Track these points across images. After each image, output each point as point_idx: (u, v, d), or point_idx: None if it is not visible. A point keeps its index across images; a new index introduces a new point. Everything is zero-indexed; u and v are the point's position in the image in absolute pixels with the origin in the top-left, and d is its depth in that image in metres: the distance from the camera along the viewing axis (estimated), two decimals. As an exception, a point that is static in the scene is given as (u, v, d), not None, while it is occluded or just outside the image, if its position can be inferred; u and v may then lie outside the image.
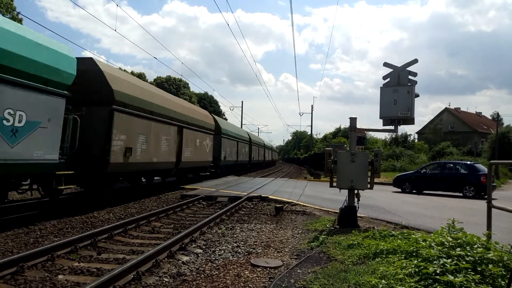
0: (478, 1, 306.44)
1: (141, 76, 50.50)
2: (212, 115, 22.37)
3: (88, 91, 9.40)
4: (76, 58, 8.50)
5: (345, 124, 63.99)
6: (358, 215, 7.80)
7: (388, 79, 7.99)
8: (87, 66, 9.49)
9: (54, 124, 7.72)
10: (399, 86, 7.80)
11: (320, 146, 51.90)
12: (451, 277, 3.38)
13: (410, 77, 7.82)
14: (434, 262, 3.84)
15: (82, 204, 10.05)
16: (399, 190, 17.96)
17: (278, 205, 10.32)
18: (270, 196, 12.83)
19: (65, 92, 7.97)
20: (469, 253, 3.92)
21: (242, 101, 53.35)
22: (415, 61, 7.92)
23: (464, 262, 3.68)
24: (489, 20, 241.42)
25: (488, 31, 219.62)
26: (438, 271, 3.58)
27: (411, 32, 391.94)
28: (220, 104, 69.47)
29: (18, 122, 6.84)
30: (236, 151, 27.83)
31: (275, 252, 5.89)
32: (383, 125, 8.17)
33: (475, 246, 4.17)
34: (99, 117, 9.67)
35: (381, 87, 8.03)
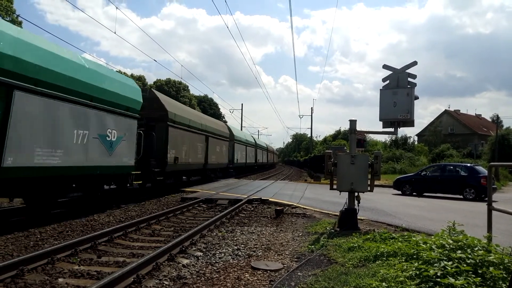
0: (475, 3, 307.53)
1: (140, 79, 50.56)
2: (227, 125, 27.76)
3: (150, 112, 13.34)
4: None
5: (345, 126, 64.10)
6: (358, 217, 7.79)
7: (388, 81, 8.00)
8: (148, 94, 13.77)
9: (131, 137, 11.00)
10: (398, 88, 7.81)
11: (320, 149, 51.87)
12: (452, 280, 3.37)
13: (409, 79, 7.83)
14: (435, 264, 3.83)
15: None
16: (399, 192, 17.94)
17: (278, 208, 10.31)
18: (270, 199, 12.82)
19: (137, 115, 11.31)
20: (469, 256, 3.92)
21: (242, 104, 53.38)
22: (414, 63, 7.94)
23: (464, 265, 3.67)
24: (486, 22, 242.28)
25: (486, 33, 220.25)
26: (439, 274, 3.58)
27: (409, 34, 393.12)
28: (220, 106, 69.53)
29: (113, 137, 9.95)
30: (245, 155, 32.10)
31: (276, 255, 5.88)
32: (383, 127, 8.17)
33: (476, 248, 4.16)
34: (161, 129, 13.72)
35: (380, 89, 8.04)
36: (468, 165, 18.33)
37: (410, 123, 7.90)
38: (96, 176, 9.60)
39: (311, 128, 72.22)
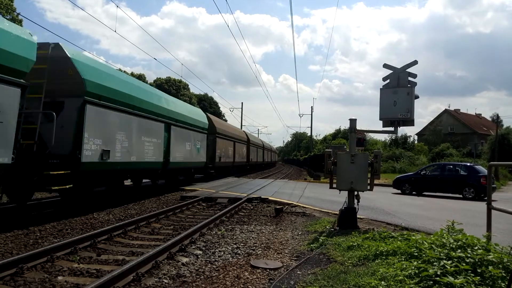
0: (475, 3, 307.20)
1: (141, 77, 50.51)
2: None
3: (206, 127, 19.21)
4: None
5: (345, 125, 64.04)
6: (358, 216, 7.79)
7: (388, 81, 7.99)
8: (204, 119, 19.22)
9: (203, 145, 18.59)
10: (398, 88, 7.80)
11: (320, 148, 51.87)
12: (451, 279, 3.37)
13: (409, 78, 7.82)
14: (434, 263, 3.83)
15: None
16: (399, 191, 17.95)
17: (278, 207, 10.32)
18: (270, 198, 12.83)
19: (206, 130, 19.17)
20: (469, 255, 3.92)
21: (242, 102, 53.43)
22: (414, 62, 7.93)
23: (464, 264, 3.67)
24: (487, 21, 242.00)
25: (486, 32, 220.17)
26: (438, 273, 3.58)
27: (410, 34, 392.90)
28: (220, 105, 69.48)
29: (198, 146, 17.65)
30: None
31: (275, 254, 5.89)
32: (383, 126, 8.17)
33: (475, 247, 4.17)
34: (209, 139, 19.83)
35: (380, 89, 8.03)
36: (468, 164, 18.34)
37: (410, 122, 7.90)
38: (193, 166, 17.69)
39: (311, 127, 72.11)
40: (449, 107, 64.83)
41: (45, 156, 8.06)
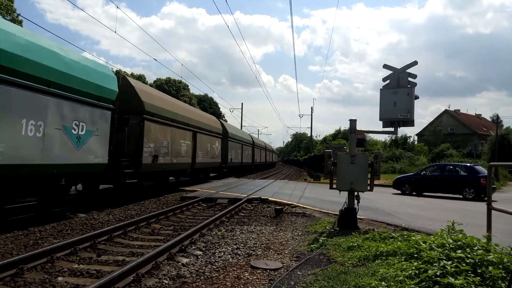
0: (475, 3, 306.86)
1: (141, 78, 50.53)
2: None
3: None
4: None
5: (345, 126, 64.06)
6: (358, 217, 7.79)
7: (388, 81, 7.99)
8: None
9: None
10: (398, 88, 7.80)
11: (320, 148, 51.88)
12: (451, 279, 3.37)
13: (409, 79, 7.83)
14: (434, 264, 3.83)
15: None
16: (399, 192, 17.95)
17: (278, 207, 10.32)
18: (270, 198, 12.83)
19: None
20: (469, 255, 3.92)
21: (242, 103, 53.34)
22: (414, 63, 7.93)
23: (464, 264, 3.67)
24: (487, 22, 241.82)
25: (486, 33, 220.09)
26: (438, 273, 3.58)
27: (409, 34, 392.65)
28: (220, 105, 69.50)
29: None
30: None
31: (275, 254, 5.89)
32: (383, 127, 8.16)
33: (475, 248, 4.17)
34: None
35: (380, 89, 8.03)
36: (468, 165, 18.34)
37: (410, 122, 7.90)
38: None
39: (311, 128, 72.17)
40: (449, 107, 64.85)
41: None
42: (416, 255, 4.44)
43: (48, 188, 8.39)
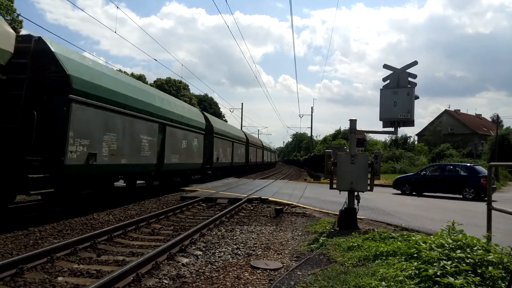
0: (475, 3, 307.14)
1: (141, 77, 50.54)
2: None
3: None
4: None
5: (345, 126, 64.05)
6: (358, 217, 7.79)
7: (388, 81, 7.99)
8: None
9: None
10: (398, 88, 7.80)
11: (320, 148, 51.90)
12: (451, 279, 3.37)
13: (409, 79, 7.82)
14: (434, 264, 3.83)
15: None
16: (399, 192, 17.95)
17: (278, 207, 10.32)
18: (270, 198, 12.83)
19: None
20: (469, 255, 3.92)
21: (242, 103, 53.31)
22: (414, 63, 7.93)
23: (464, 264, 3.67)
24: (486, 22, 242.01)
25: (486, 33, 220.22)
26: (438, 273, 3.58)
27: (409, 34, 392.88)
28: (220, 105, 69.53)
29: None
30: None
31: (275, 254, 5.88)
32: (383, 127, 8.16)
33: (475, 248, 4.17)
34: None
35: (381, 89, 8.03)
36: (468, 165, 18.34)
37: (410, 122, 7.89)
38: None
39: (311, 128, 72.38)
40: (449, 107, 64.84)
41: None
42: (416, 255, 4.44)
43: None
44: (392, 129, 8.11)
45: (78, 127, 8.47)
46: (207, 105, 63.99)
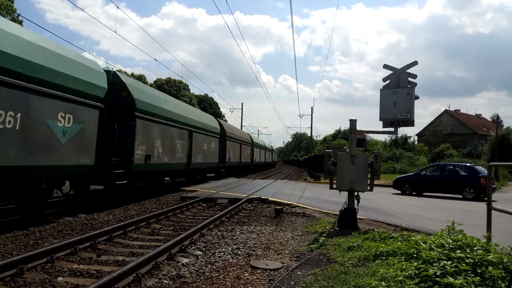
0: (475, 3, 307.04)
1: (141, 78, 50.53)
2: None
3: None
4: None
5: (345, 126, 64.05)
6: (358, 217, 7.79)
7: (388, 81, 7.99)
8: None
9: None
10: (398, 88, 7.81)
11: (320, 148, 51.89)
12: (451, 279, 3.38)
13: (410, 79, 7.83)
14: (434, 264, 3.83)
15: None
16: (399, 192, 17.95)
17: (278, 207, 10.32)
18: (270, 198, 12.83)
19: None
20: (469, 255, 3.92)
21: (242, 103, 53.34)
22: (414, 63, 7.93)
23: (464, 264, 3.67)
24: (486, 22, 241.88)
25: (486, 33, 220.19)
26: (438, 273, 3.58)
27: (409, 34, 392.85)
28: (220, 105, 69.51)
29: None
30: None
31: (275, 254, 5.89)
32: (383, 127, 8.17)
33: (475, 248, 4.17)
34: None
35: (381, 89, 8.03)
36: (468, 165, 18.34)
37: (410, 122, 7.90)
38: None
39: (311, 128, 72.24)
40: (449, 107, 64.86)
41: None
42: (416, 255, 4.44)
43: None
44: (392, 129, 8.11)
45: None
46: (207, 105, 63.97)
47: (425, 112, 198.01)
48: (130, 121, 11.04)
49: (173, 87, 56.60)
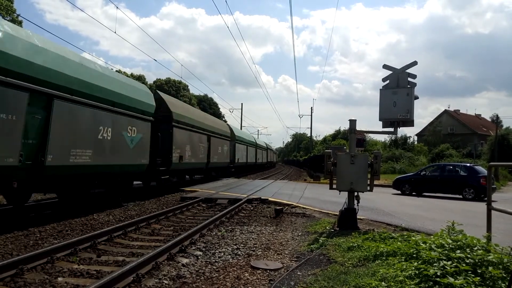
0: (474, 3, 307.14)
1: (140, 78, 50.51)
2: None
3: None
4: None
5: (345, 126, 64.04)
6: (358, 217, 7.79)
7: (388, 81, 8.00)
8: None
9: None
10: (398, 88, 7.81)
11: (319, 148, 51.91)
12: (451, 279, 3.38)
13: (409, 79, 7.83)
14: (434, 264, 3.83)
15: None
16: (399, 192, 17.95)
17: (278, 207, 10.32)
18: (269, 198, 12.83)
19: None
20: (469, 255, 3.92)
21: (242, 103, 53.37)
22: (414, 63, 7.94)
23: (464, 264, 3.68)
24: (486, 22, 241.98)
25: (485, 33, 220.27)
26: (438, 273, 3.58)
27: (409, 34, 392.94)
28: (219, 106, 69.56)
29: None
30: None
31: (275, 254, 5.89)
32: (383, 127, 8.18)
33: (475, 248, 4.17)
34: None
35: (380, 89, 8.04)
36: (468, 165, 18.34)
37: (409, 123, 7.90)
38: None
39: (311, 128, 72.53)
40: (449, 107, 64.91)
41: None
42: (416, 255, 4.45)
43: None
44: (391, 129, 8.12)
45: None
46: (207, 105, 63.98)
47: (424, 112, 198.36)
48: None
49: (172, 88, 56.57)
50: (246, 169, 36.24)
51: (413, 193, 17.51)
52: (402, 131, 72.16)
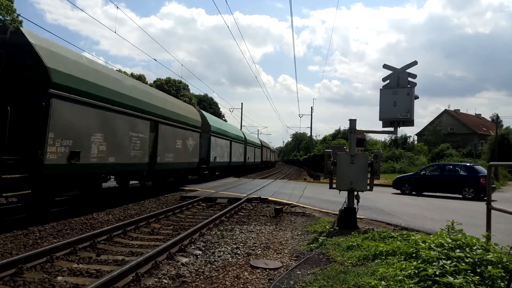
0: (474, 3, 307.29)
1: (140, 77, 50.50)
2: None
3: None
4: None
5: (345, 125, 64.02)
6: (357, 216, 7.80)
7: (388, 81, 8.00)
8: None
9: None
10: (398, 88, 7.81)
11: (319, 148, 51.86)
12: (450, 279, 3.38)
13: (409, 79, 7.83)
14: (434, 263, 3.83)
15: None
16: (399, 191, 17.96)
17: (277, 207, 10.32)
18: (269, 198, 12.83)
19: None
20: (468, 255, 3.92)
21: (242, 103, 53.26)
22: (414, 63, 7.94)
23: (463, 264, 3.67)
24: (486, 21, 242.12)
25: (485, 32, 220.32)
26: (437, 273, 3.58)
27: (408, 34, 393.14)
28: (219, 105, 69.49)
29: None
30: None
31: (275, 254, 5.89)
32: (383, 126, 8.17)
33: (475, 247, 4.17)
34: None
35: (380, 89, 8.04)
36: (468, 164, 18.34)
37: (410, 122, 7.90)
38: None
39: (311, 128, 72.16)
40: (448, 107, 64.94)
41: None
42: (415, 255, 4.44)
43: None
44: (391, 129, 8.12)
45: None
46: (207, 105, 63.94)
47: (424, 112, 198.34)
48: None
49: (172, 87, 56.54)
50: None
51: (413, 193, 17.51)
52: (402, 130, 72.27)
